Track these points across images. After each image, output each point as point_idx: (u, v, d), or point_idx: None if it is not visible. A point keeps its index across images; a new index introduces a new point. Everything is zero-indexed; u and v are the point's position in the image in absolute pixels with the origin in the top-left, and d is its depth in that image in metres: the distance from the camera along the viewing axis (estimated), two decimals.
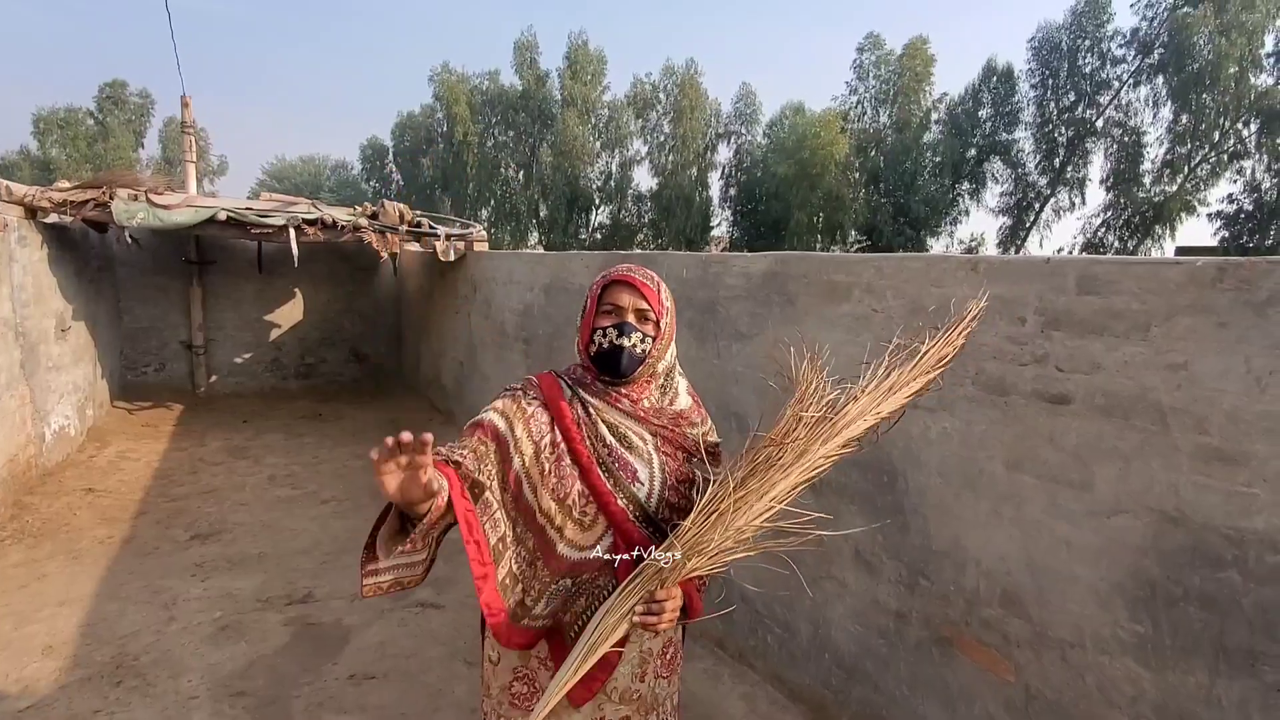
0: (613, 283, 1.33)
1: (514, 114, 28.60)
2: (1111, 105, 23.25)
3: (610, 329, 1.30)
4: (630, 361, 1.29)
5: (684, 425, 1.37)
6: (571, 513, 1.27)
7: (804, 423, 1.27)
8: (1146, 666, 1.57)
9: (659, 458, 1.31)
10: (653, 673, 1.36)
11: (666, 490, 1.30)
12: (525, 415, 1.31)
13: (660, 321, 1.32)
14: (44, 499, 4.46)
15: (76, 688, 2.65)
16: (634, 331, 1.29)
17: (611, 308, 1.31)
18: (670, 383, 1.39)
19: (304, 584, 3.56)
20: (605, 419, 1.31)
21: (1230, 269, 1.42)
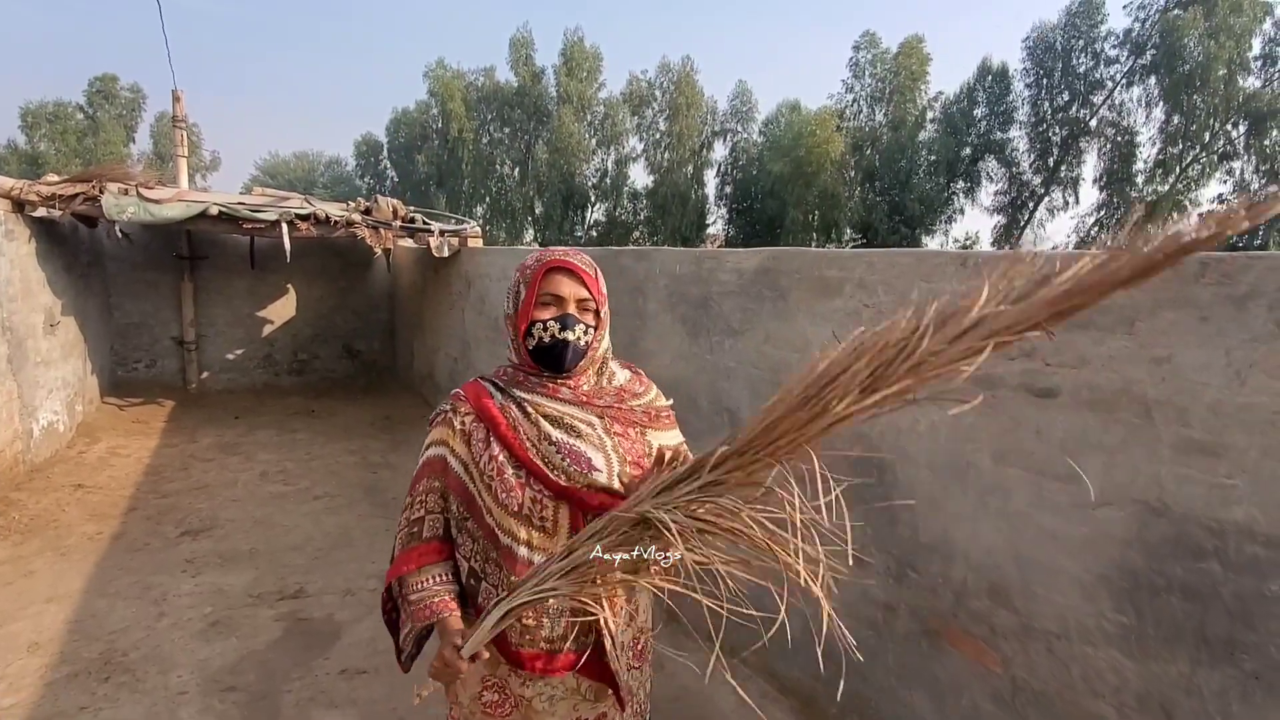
0: (551, 270, 1.24)
1: (509, 111, 28.57)
2: (1105, 105, 23.39)
3: (552, 322, 1.22)
4: (575, 356, 1.23)
5: (628, 399, 1.32)
6: (530, 521, 1.23)
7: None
8: (1130, 656, 1.58)
9: (610, 439, 1.26)
10: (625, 664, 1.34)
11: (626, 469, 1.25)
12: (465, 434, 1.27)
13: (600, 310, 1.26)
14: (32, 495, 4.44)
15: (63, 684, 2.64)
16: (577, 324, 1.22)
17: (551, 298, 1.23)
18: (606, 367, 1.34)
19: (295, 580, 3.56)
20: (546, 413, 1.25)
21: (1212, 264, 1.43)
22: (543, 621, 1.26)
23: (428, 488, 1.32)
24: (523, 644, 1.27)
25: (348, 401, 7.66)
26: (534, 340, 1.23)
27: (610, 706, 1.35)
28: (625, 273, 3.43)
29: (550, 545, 1.23)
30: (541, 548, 1.23)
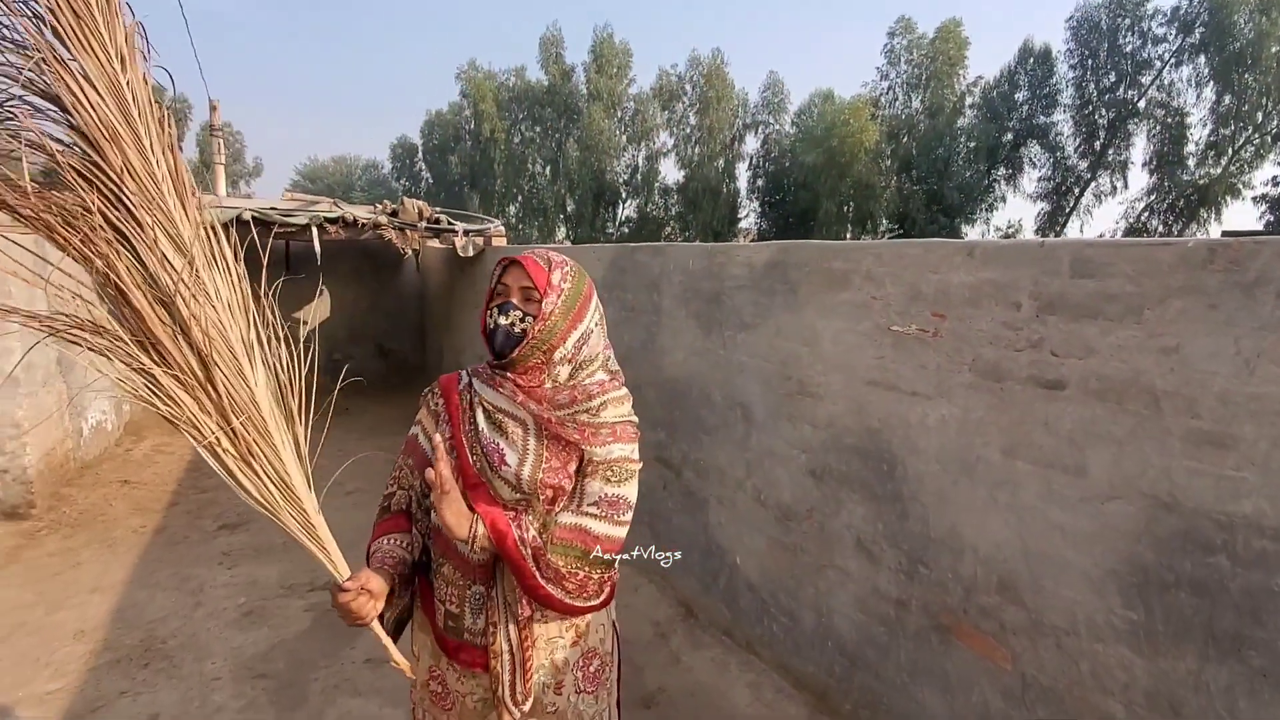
0: (508, 264, 1.29)
1: (540, 109, 28.75)
2: (1153, 85, 22.43)
3: (494, 309, 1.27)
4: (506, 340, 1.23)
5: (579, 404, 1.25)
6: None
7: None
8: (1139, 653, 1.54)
9: (537, 442, 1.23)
10: (573, 687, 1.30)
11: (542, 471, 1.22)
12: (435, 417, 1.35)
13: (544, 301, 1.22)
14: (81, 490, 4.67)
15: (105, 670, 2.78)
16: (512, 309, 1.24)
17: (501, 287, 1.28)
18: (581, 370, 1.28)
19: (326, 572, 3.62)
20: (485, 404, 1.27)
21: (1220, 250, 1.38)
22: (465, 611, 1.26)
23: (401, 464, 1.39)
24: (447, 631, 1.29)
25: (380, 401, 7.82)
26: (487, 328, 1.28)
27: None
28: (641, 269, 3.45)
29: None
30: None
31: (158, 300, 1.13)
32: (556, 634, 1.28)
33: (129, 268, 1.11)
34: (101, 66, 1.10)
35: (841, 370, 2.31)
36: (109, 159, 1.10)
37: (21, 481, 4.15)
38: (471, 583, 1.25)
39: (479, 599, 1.25)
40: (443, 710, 1.32)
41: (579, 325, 1.27)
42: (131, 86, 1.15)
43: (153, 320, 1.12)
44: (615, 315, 3.60)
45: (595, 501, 1.23)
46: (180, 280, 1.12)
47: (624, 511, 1.25)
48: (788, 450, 2.56)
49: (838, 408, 2.33)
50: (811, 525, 2.48)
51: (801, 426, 2.49)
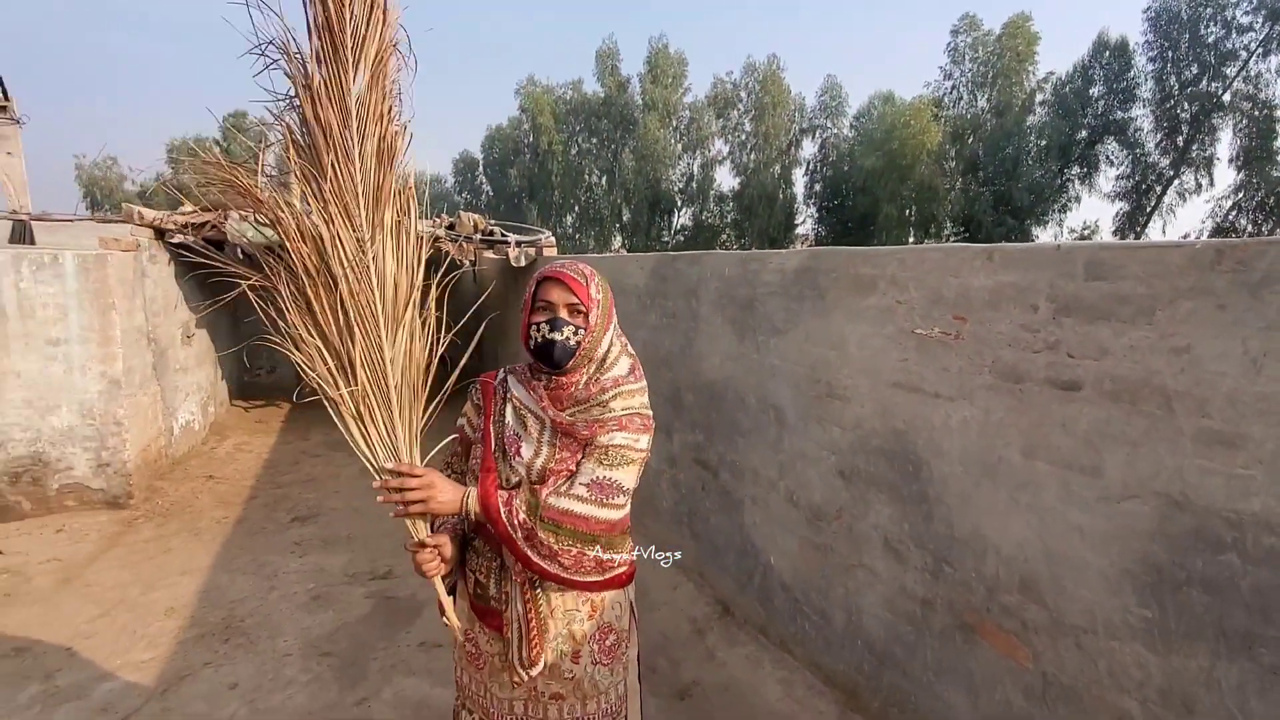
0: (545, 280, 1.40)
1: (596, 121, 29.31)
2: (1239, 77, 21.06)
3: (544, 324, 1.37)
4: (563, 353, 1.36)
5: (594, 399, 1.37)
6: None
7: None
8: (1153, 651, 1.55)
9: (549, 437, 1.38)
10: (589, 658, 1.42)
11: (548, 470, 1.36)
12: (476, 410, 1.51)
13: (590, 314, 1.37)
14: (172, 484, 5.11)
15: (192, 643, 3.07)
16: (565, 325, 1.36)
17: (545, 304, 1.38)
18: (608, 360, 1.42)
19: (385, 562, 3.92)
20: (514, 403, 1.43)
21: (1228, 251, 1.40)
22: (490, 581, 1.41)
23: (450, 449, 1.58)
24: (476, 598, 1.45)
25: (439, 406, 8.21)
26: (533, 341, 1.39)
27: (569, 691, 1.41)
28: (681, 277, 3.56)
29: None
30: None
31: (328, 280, 1.38)
32: (574, 607, 1.40)
33: (315, 252, 1.39)
34: (335, 87, 1.37)
35: (868, 373, 2.36)
36: (323, 164, 1.38)
37: (122, 474, 4.58)
38: (495, 555, 1.41)
39: (501, 570, 1.40)
40: (476, 668, 1.48)
41: (610, 327, 1.43)
42: (353, 103, 1.40)
43: (320, 297, 1.39)
44: (657, 321, 3.72)
45: (586, 483, 1.33)
46: (350, 265, 1.37)
47: (614, 495, 1.33)
48: (818, 452, 2.62)
49: (865, 410, 2.39)
50: (841, 526, 2.53)
51: (830, 429, 2.55)
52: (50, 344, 4.40)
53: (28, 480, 4.44)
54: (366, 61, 1.38)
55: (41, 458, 4.46)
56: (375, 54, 1.40)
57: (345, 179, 1.37)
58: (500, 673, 1.43)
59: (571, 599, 1.40)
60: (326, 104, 1.35)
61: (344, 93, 1.36)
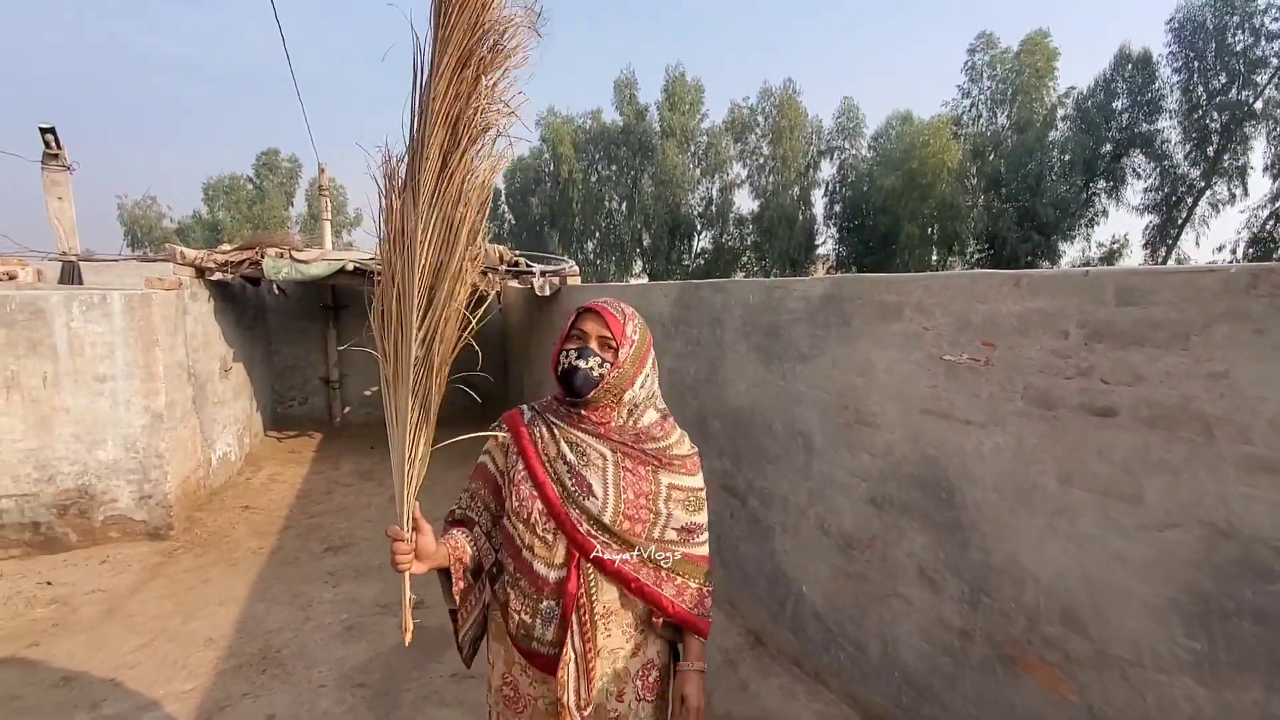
0: (584, 311, 1.42)
1: (615, 149, 29.69)
2: (1272, 84, 20.70)
3: (572, 350, 1.39)
4: (585, 382, 1.36)
5: (645, 441, 1.41)
6: (535, 530, 1.37)
7: None
8: (1203, 684, 1.51)
9: (617, 472, 1.37)
10: (634, 694, 1.41)
11: (624, 503, 1.36)
12: (503, 447, 1.49)
13: (620, 350, 1.37)
14: (210, 514, 5.22)
15: (230, 674, 3.12)
16: (592, 355, 1.36)
17: (579, 333, 1.40)
18: (637, 409, 1.43)
19: (417, 592, 3.87)
20: (566, 437, 1.40)
21: (1263, 275, 1.39)
22: (536, 621, 1.38)
23: (468, 489, 1.56)
24: (518, 639, 1.42)
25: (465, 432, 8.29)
26: (560, 367, 1.40)
27: None
28: (705, 305, 3.59)
29: (549, 556, 1.37)
30: (541, 556, 1.38)
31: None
32: (619, 645, 1.40)
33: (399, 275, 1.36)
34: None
35: (897, 400, 2.36)
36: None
37: (163, 505, 4.70)
38: (543, 597, 1.38)
39: (549, 612, 1.37)
40: (515, 713, 1.45)
41: (643, 371, 1.42)
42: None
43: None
44: (681, 349, 3.75)
45: (678, 529, 1.40)
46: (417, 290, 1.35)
47: (700, 534, 1.44)
48: (848, 479, 2.61)
49: (895, 436, 2.38)
50: (874, 554, 2.50)
51: (860, 455, 2.54)
52: (98, 380, 4.56)
53: (75, 512, 4.58)
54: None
55: (88, 490, 4.60)
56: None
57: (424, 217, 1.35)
58: (544, 716, 1.42)
59: (618, 638, 1.40)
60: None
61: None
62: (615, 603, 1.39)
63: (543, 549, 1.38)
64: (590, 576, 1.36)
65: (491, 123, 1.37)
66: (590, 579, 1.36)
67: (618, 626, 1.39)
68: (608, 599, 1.38)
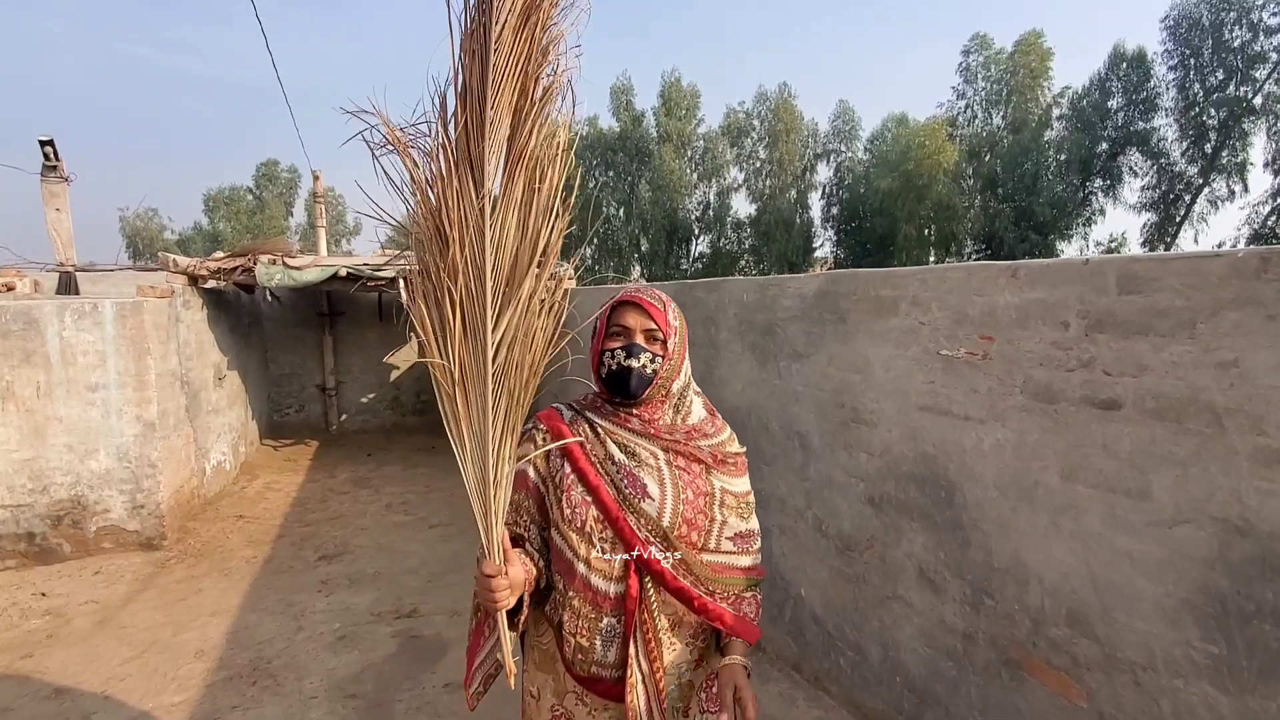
0: (620, 304, 1.31)
1: (613, 155, 29.72)
2: (1271, 79, 20.69)
3: (619, 350, 1.28)
4: (639, 382, 1.27)
5: (696, 438, 1.32)
6: (591, 539, 1.26)
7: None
8: (1224, 690, 1.44)
9: (671, 472, 1.28)
10: (698, 708, 1.31)
11: (682, 505, 1.26)
12: (545, 456, 1.35)
13: (669, 341, 1.29)
14: (204, 524, 5.15)
15: (220, 686, 3.05)
16: (642, 352, 1.26)
17: (620, 329, 1.29)
18: (684, 401, 1.35)
19: (411, 600, 3.89)
20: (614, 438, 1.30)
21: (1274, 258, 1.33)
22: (595, 644, 1.27)
23: (512, 502, 1.35)
24: (575, 665, 1.31)
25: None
26: (605, 369, 1.29)
27: None
28: (699, 304, 3.54)
29: (608, 569, 1.25)
30: (599, 569, 1.25)
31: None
32: (683, 659, 1.32)
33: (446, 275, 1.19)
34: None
35: (894, 396, 2.30)
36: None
37: (155, 515, 4.64)
38: (604, 615, 1.27)
39: (610, 631, 1.27)
40: None
41: (685, 358, 1.36)
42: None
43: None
44: None
45: (732, 537, 1.31)
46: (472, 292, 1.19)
47: (755, 541, 1.37)
48: (845, 479, 2.55)
49: (892, 434, 2.32)
50: (873, 555, 2.44)
51: (857, 454, 2.48)
52: (90, 389, 4.50)
53: (69, 523, 4.52)
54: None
55: (81, 501, 4.54)
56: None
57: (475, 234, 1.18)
58: None
59: (683, 651, 1.31)
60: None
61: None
62: (678, 614, 1.30)
63: (600, 561, 1.26)
64: (651, 589, 1.26)
65: (559, 81, 1.21)
66: (650, 592, 1.26)
67: (681, 639, 1.31)
68: (670, 611, 1.29)
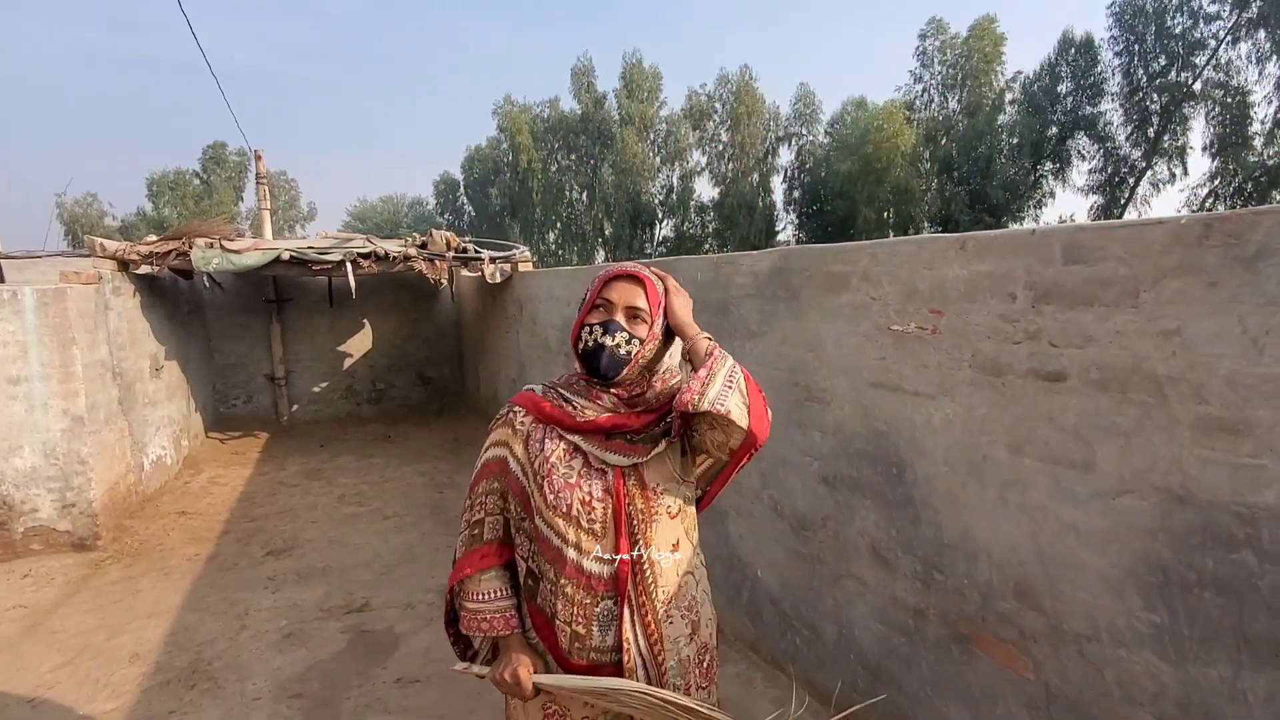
0: (613, 278, 1.25)
1: (575, 137, 29.31)
2: (1209, 66, 21.39)
3: (596, 326, 1.21)
4: (611, 362, 1.20)
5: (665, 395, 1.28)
6: (579, 522, 1.21)
7: None
8: (1166, 659, 1.45)
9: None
10: (694, 684, 1.29)
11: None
12: (524, 436, 1.28)
13: (654, 323, 1.23)
14: (142, 522, 4.92)
15: (156, 691, 2.90)
16: (619, 330, 1.20)
17: (603, 303, 1.23)
18: (669, 376, 1.31)
19: (362, 594, 3.76)
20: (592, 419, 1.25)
21: (1216, 224, 1.31)
22: (592, 629, 1.23)
23: (487, 489, 1.31)
24: (572, 654, 1.26)
25: (421, 426, 8.04)
26: (582, 344, 1.24)
27: None
28: None
29: (599, 549, 1.21)
30: (589, 551, 1.21)
31: None
32: (679, 633, 1.27)
33: None
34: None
35: (846, 373, 2.27)
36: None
37: (88, 514, 4.40)
38: (600, 598, 1.22)
39: (607, 615, 1.22)
40: None
41: (673, 337, 1.29)
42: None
43: None
44: None
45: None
46: None
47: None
48: (800, 458, 2.52)
49: (844, 412, 2.29)
50: (827, 534, 2.42)
51: (811, 433, 2.45)
52: (10, 383, 4.23)
53: None
54: None
55: (6, 500, 4.28)
56: None
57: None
58: None
59: (679, 624, 1.27)
60: None
61: None
62: (673, 584, 1.26)
63: (591, 542, 1.21)
64: (647, 565, 1.22)
65: None
66: (647, 567, 1.22)
67: (678, 610, 1.26)
68: (667, 583, 1.25)
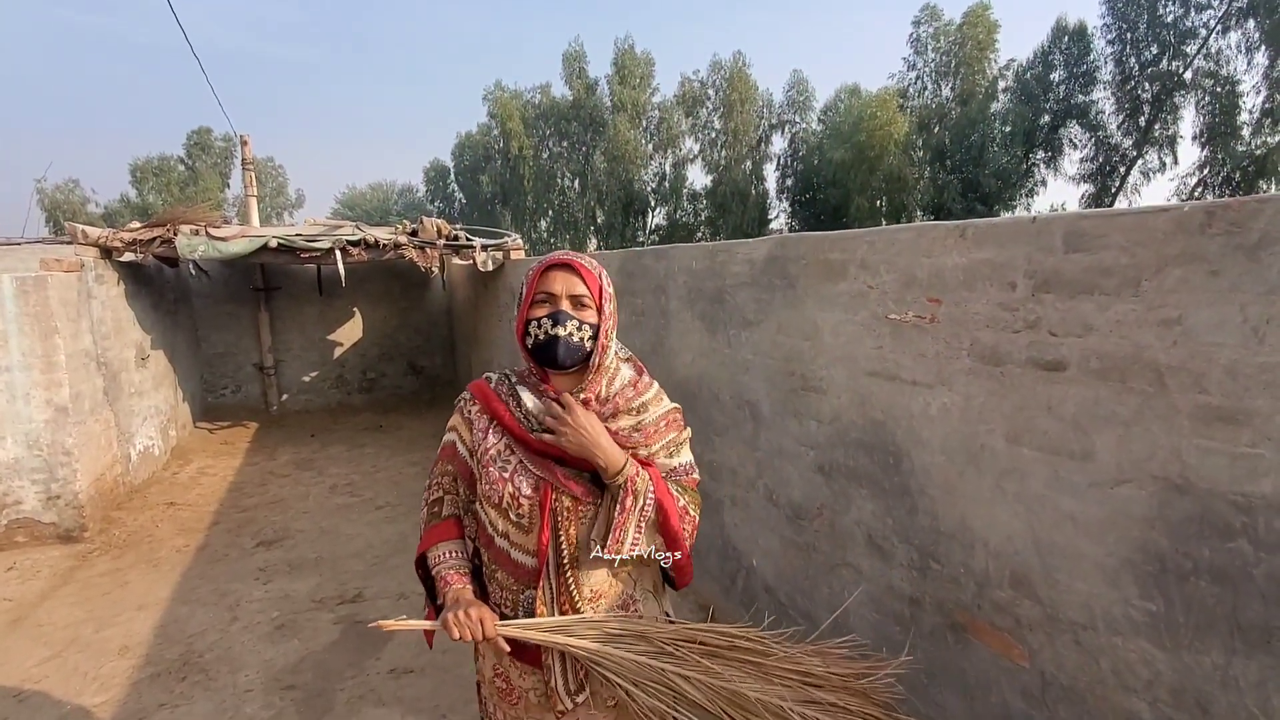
0: (549, 269, 1.24)
1: (566, 124, 29.07)
2: (1200, 55, 21.42)
3: (545, 319, 1.21)
4: (568, 351, 1.21)
5: (620, 416, 1.28)
6: (509, 516, 1.25)
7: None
8: (1160, 647, 1.45)
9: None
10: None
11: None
12: (469, 423, 1.34)
13: (603, 308, 1.24)
14: (130, 513, 4.87)
15: (147, 684, 2.88)
16: (569, 319, 1.21)
17: (545, 296, 1.23)
18: (611, 369, 1.32)
19: (355, 585, 3.74)
20: (532, 412, 1.28)
21: (1219, 211, 1.29)
22: (518, 614, 1.28)
23: (443, 470, 1.39)
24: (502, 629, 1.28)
25: (413, 416, 8.00)
26: (531, 339, 1.24)
27: (615, 715, 1.31)
28: (648, 273, 3.43)
29: (525, 542, 1.25)
30: (518, 543, 1.26)
31: None
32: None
33: None
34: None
35: (843, 363, 2.25)
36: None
37: (74, 506, 4.35)
38: (524, 587, 1.27)
39: (530, 602, 1.27)
40: (510, 704, 1.36)
41: (615, 327, 1.32)
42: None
43: None
44: (626, 320, 3.59)
45: (665, 475, 1.30)
46: None
47: (689, 472, 1.37)
48: (796, 448, 2.51)
49: (841, 401, 2.27)
50: (822, 523, 2.42)
51: (807, 423, 2.43)
52: None
53: None
54: None
55: None
56: None
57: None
58: (538, 707, 1.31)
59: (607, 614, 1.29)
60: None
61: None
62: (601, 580, 1.28)
63: (519, 535, 1.26)
64: (567, 563, 1.25)
65: None
66: (567, 565, 1.25)
67: (599, 612, 1.28)
68: (595, 581, 1.28)
